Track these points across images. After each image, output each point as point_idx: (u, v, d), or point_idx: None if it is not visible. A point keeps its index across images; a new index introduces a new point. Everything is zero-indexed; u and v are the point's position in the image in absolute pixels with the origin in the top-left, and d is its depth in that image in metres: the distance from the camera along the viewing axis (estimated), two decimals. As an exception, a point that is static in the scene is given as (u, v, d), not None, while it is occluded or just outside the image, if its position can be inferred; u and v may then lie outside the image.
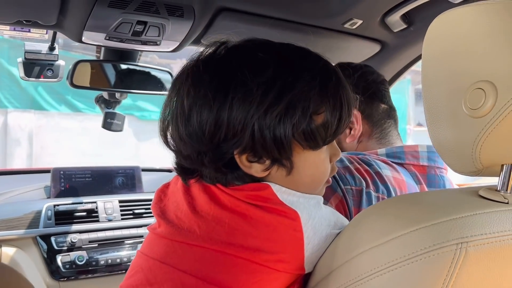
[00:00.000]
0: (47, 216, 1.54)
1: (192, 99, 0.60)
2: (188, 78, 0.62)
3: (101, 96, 1.59)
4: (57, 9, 1.02)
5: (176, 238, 0.62)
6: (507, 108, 0.49)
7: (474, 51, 0.52)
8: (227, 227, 0.60)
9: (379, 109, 0.97)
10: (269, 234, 0.59)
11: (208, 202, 0.62)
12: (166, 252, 0.62)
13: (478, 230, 0.50)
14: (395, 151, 0.90)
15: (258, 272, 0.59)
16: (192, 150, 0.62)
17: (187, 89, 0.61)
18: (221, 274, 0.59)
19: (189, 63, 0.64)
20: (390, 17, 1.11)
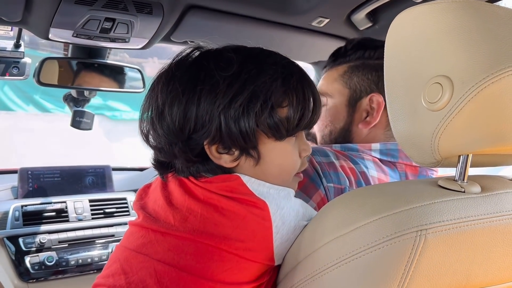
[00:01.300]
0: (15, 217, 1.51)
1: (164, 94, 0.65)
2: (162, 77, 0.67)
3: (69, 94, 1.56)
4: (22, 5, 1.00)
5: (151, 226, 0.65)
6: (462, 101, 0.52)
7: (432, 48, 0.55)
8: (199, 217, 0.62)
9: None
10: (239, 223, 0.61)
11: (182, 195, 0.64)
12: (142, 242, 0.64)
13: (436, 218, 0.53)
14: (389, 148, 0.86)
15: (227, 261, 0.61)
16: (165, 142, 0.65)
17: (161, 87, 0.66)
18: (192, 261, 0.61)
19: (164, 66, 0.69)
20: (356, 15, 1.13)
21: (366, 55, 0.91)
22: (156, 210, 0.66)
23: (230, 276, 0.61)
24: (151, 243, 0.64)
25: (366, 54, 0.91)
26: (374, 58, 0.91)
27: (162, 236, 0.63)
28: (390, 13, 1.14)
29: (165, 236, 0.63)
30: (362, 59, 0.92)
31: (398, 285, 0.53)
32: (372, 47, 0.92)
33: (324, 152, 0.81)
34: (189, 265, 0.61)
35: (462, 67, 0.52)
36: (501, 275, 0.59)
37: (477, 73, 0.51)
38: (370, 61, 0.91)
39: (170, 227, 0.63)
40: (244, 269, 0.62)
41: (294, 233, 0.64)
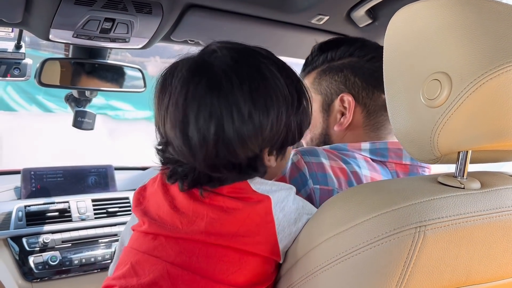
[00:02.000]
0: (18, 217, 1.52)
1: (216, 107, 0.60)
2: (201, 87, 0.62)
3: (71, 95, 1.57)
4: (22, 6, 1.01)
5: (161, 232, 0.65)
6: (461, 97, 0.52)
7: (431, 44, 0.55)
8: (206, 219, 0.63)
9: (378, 100, 0.88)
10: (244, 219, 0.63)
11: (187, 199, 0.65)
12: (154, 245, 0.65)
13: (435, 214, 0.53)
14: (378, 148, 0.85)
15: (238, 261, 0.63)
16: (204, 156, 0.62)
17: (209, 98, 0.61)
18: (204, 263, 0.62)
19: (214, 78, 0.62)
20: (356, 12, 1.13)
21: (329, 57, 0.91)
22: (161, 216, 0.66)
23: (241, 277, 0.63)
24: (162, 245, 0.65)
25: (329, 56, 0.91)
26: (336, 59, 0.91)
27: (173, 239, 0.65)
28: (390, 9, 1.14)
29: (177, 239, 0.64)
30: (326, 62, 0.92)
31: (397, 282, 0.53)
32: (333, 48, 0.91)
33: (314, 152, 0.80)
34: (201, 268, 0.63)
35: (461, 64, 0.52)
36: (501, 271, 0.59)
37: (475, 69, 0.51)
38: (334, 62, 0.91)
39: (178, 231, 0.64)
40: (254, 268, 0.64)
41: (296, 226, 0.65)
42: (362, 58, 0.89)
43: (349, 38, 0.95)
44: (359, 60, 0.89)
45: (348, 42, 0.92)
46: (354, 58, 0.89)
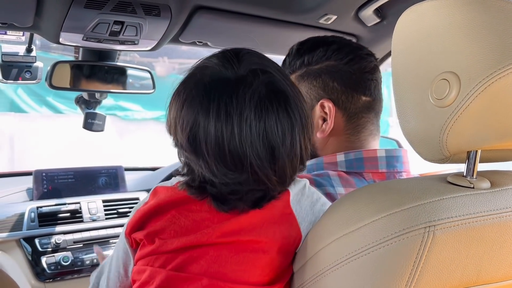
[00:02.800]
0: (30, 218, 1.54)
1: (273, 121, 0.62)
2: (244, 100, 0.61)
3: (81, 97, 1.59)
4: (33, 10, 1.02)
5: (186, 244, 0.64)
6: (470, 97, 0.52)
7: (439, 44, 0.55)
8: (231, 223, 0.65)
9: (358, 102, 0.87)
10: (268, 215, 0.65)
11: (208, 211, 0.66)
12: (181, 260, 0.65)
13: (444, 214, 0.53)
14: (353, 158, 0.85)
15: (264, 258, 0.65)
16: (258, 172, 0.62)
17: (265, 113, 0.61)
18: (235, 267, 0.64)
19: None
20: (364, 11, 1.13)
21: (305, 61, 0.89)
22: (199, 220, 0.66)
23: (270, 276, 0.65)
24: (191, 260, 0.64)
25: (305, 60, 0.89)
26: (314, 63, 0.88)
27: (201, 250, 0.64)
28: (398, 8, 1.14)
29: (204, 248, 0.64)
30: (304, 67, 0.90)
31: (407, 281, 0.53)
32: (310, 52, 0.89)
33: None
34: (234, 275, 0.64)
35: (469, 63, 0.52)
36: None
37: (484, 69, 0.51)
38: (311, 67, 0.88)
39: (207, 237, 0.64)
40: (280, 263, 0.66)
41: (314, 215, 0.69)
42: (340, 61, 0.87)
43: (325, 40, 0.91)
44: (336, 63, 0.87)
45: (324, 44, 0.89)
46: (331, 61, 0.87)
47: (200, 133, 0.60)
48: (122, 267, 0.74)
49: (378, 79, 0.90)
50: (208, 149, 0.60)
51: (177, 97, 0.65)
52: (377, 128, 0.92)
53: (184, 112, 0.62)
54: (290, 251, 0.67)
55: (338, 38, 0.91)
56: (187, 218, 0.66)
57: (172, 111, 0.65)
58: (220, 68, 0.63)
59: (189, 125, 0.61)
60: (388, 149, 0.86)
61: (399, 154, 0.86)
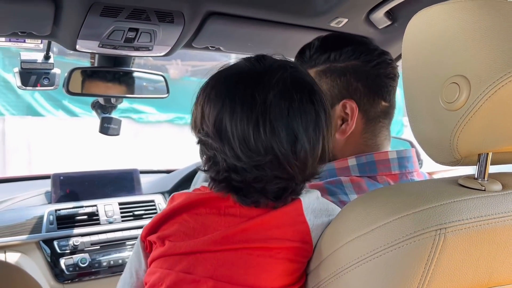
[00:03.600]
0: (49, 221, 1.57)
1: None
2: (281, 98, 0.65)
3: (97, 102, 1.62)
4: (51, 20, 1.05)
5: (196, 249, 0.66)
6: (480, 100, 0.52)
7: (449, 47, 0.55)
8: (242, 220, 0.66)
9: (378, 107, 0.86)
10: (278, 218, 0.66)
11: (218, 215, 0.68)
12: (189, 263, 0.66)
13: (456, 217, 0.53)
14: (366, 162, 0.84)
15: (274, 265, 0.65)
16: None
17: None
18: (243, 273, 0.64)
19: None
20: (375, 14, 1.13)
21: (331, 58, 0.87)
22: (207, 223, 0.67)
23: (279, 281, 0.65)
24: (198, 262, 0.65)
25: (331, 57, 0.87)
26: (340, 61, 0.86)
27: (209, 254, 0.65)
28: (409, 10, 1.13)
29: (214, 253, 0.65)
30: (328, 62, 0.87)
31: (418, 283, 0.54)
32: (336, 48, 0.87)
33: None
34: (241, 278, 0.64)
35: (479, 67, 0.52)
36: (524, 272, 0.59)
37: (494, 72, 0.51)
38: (337, 64, 0.86)
39: (214, 244, 0.65)
40: (290, 269, 0.66)
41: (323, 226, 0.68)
42: (367, 63, 0.85)
43: (354, 40, 0.90)
44: (363, 65, 0.85)
45: (353, 44, 0.87)
46: (359, 62, 0.85)
47: (226, 118, 0.63)
48: (134, 270, 0.77)
49: (395, 86, 0.90)
50: (233, 133, 0.62)
51: (204, 89, 0.68)
52: (390, 133, 0.92)
53: (212, 99, 0.65)
54: (301, 259, 0.67)
55: (367, 40, 0.93)
56: (197, 221, 0.67)
57: (199, 102, 0.68)
58: (246, 63, 0.68)
59: (216, 110, 0.64)
60: (398, 150, 0.86)
61: (409, 154, 0.86)
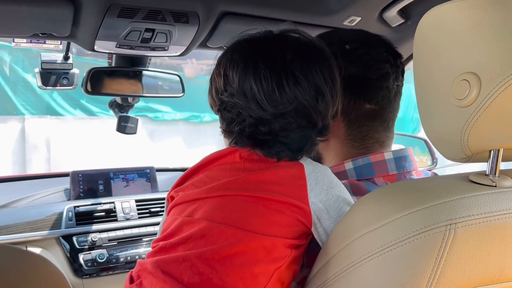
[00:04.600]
0: (68, 217, 1.61)
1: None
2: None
3: (114, 101, 1.64)
4: (70, 21, 1.08)
5: (199, 196, 0.72)
6: (490, 97, 0.52)
7: (459, 44, 0.55)
8: (244, 172, 0.71)
9: (360, 109, 0.83)
10: (279, 179, 0.69)
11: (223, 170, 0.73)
12: (193, 208, 0.71)
13: (466, 212, 0.54)
14: (362, 165, 0.82)
15: (268, 215, 0.68)
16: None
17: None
18: (237, 216, 0.68)
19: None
20: (388, 12, 1.13)
21: None
22: (202, 182, 0.73)
23: (271, 228, 0.67)
24: (200, 206, 0.71)
25: None
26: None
27: (209, 199, 0.70)
28: (422, 8, 1.13)
29: (212, 198, 0.70)
30: None
31: (428, 278, 0.54)
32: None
33: None
34: (233, 220, 0.68)
35: (490, 63, 0.52)
36: (535, 268, 0.59)
37: (504, 69, 0.51)
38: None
39: (216, 190, 0.70)
40: (283, 222, 0.68)
41: (327, 197, 0.70)
42: (348, 63, 0.82)
43: (342, 38, 0.86)
44: (344, 65, 0.81)
45: (338, 42, 0.84)
46: (340, 62, 0.80)
47: (250, 76, 0.68)
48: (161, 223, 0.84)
49: (390, 86, 0.84)
50: (259, 89, 0.67)
51: (225, 55, 0.74)
52: (386, 136, 0.87)
53: (235, 61, 0.71)
54: (295, 216, 0.69)
55: (356, 37, 0.87)
56: (207, 176, 0.73)
57: (221, 67, 0.73)
58: (259, 33, 0.74)
59: (239, 70, 0.69)
60: (394, 150, 0.84)
61: (406, 153, 0.85)
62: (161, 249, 0.71)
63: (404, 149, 0.86)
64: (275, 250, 0.67)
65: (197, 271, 0.66)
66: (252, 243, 0.67)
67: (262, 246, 0.67)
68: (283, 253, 0.68)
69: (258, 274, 0.67)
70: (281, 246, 0.68)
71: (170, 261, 0.68)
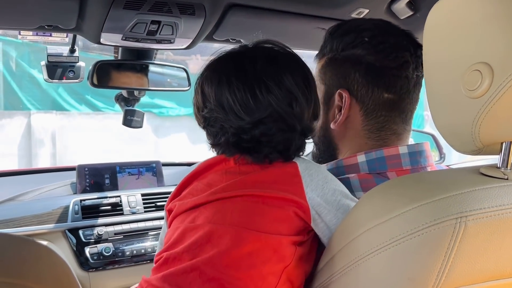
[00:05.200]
0: (75, 210, 1.61)
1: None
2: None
3: (120, 95, 1.64)
4: (76, 13, 1.07)
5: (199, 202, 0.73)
6: (503, 87, 0.51)
7: (471, 35, 0.55)
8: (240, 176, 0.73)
9: (378, 98, 0.82)
10: (275, 178, 0.72)
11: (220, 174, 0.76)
12: (194, 215, 0.73)
13: (477, 205, 0.53)
14: (375, 158, 0.80)
15: (268, 213, 0.69)
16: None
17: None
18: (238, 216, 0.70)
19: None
20: (396, 4, 1.12)
21: (334, 47, 0.85)
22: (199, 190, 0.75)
23: (274, 225, 0.68)
24: (201, 212, 0.72)
25: (335, 46, 0.85)
26: (340, 50, 0.85)
27: (209, 204, 0.72)
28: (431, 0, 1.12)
29: (212, 203, 0.72)
30: (332, 52, 0.86)
31: (438, 272, 0.54)
32: (338, 37, 0.85)
33: None
34: (235, 220, 0.69)
35: (503, 54, 0.52)
36: (547, 262, 0.59)
37: (517, 59, 0.50)
38: (338, 53, 0.85)
39: (214, 193, 0.72)
40: (284, 219, 0.69)
41: (324, 191, 0.71)
42: (366, 51, 0.82)
43: (359, 26, 0.86)
44: (363, 53, 0.82)
45: (356, 30, 0.84)
46: (358, 50, 0.82)
47: (225, 90, 0.72)
48: (162, 238, 0.87)
49: (409, 76, 0.83)
50: (234, 101, 0.71)
51: (201, 75, 0.78)
52: (403, 128, 0.86)
53: (209, 78, 0.75)
54: (295, 211, 0.70)
55: (375, 25, 0.86)
56: (203, 183, 0.76)
57: (199, 86, 0.77)
58: (229, 49, 0.79)
59: (214, 86, 0.73)
60: (410, 145, 0.83)
61: (421, 148, 0.83)
62: (166, 260, 0.71)
63: (420, 144, 0.84)
64: (281, 248, 0.68)
65: (206, 278, 0.67)
66: (258, 242, 0.67)
67: (268, 245, 0.68)
68: (289, 251, 0.69)
69: (267, 274, 0.67)
70: (286, 244, 0.68)
71: (178, 273, 0.68)
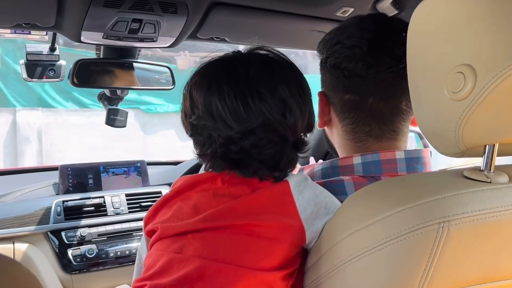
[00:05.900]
0: (57, 212, 1.58)
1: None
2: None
3: (103, 94, 1.61)
4: (55, 10, 1.05)
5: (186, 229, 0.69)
6: (486, 90, 0.51)
7: (454, 37, 0.54)
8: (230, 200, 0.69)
9: (342, 99, 0.82)
10: (265, 198, 0.68)
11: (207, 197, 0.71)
12: (182, 244, 0.69)
13: (460, 209, 0.52)
14: (371, 161, 0.80)
15: (262, 247, 0.66)
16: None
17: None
18: (231, 252, 0.66)
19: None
20: (381, 3, 1.11)
21: (321, 51, 0.86)
22: (186, 214, 0.71)
23: (267, 262, 0.66)
24: (189, 242, 0.68)
25: (321, 50, 0.86)
26: (321, 53, 0.86)
27: (199, 234, 0.68)
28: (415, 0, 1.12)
29: (202, 233, 0.68)
30: (319, 55, 0.87)
31: (421, 277, 0.53)
32: (324, 41, 0.85)
33: None
34: (228, 257, 0.66)
35: (485, 56, 0.51)
36: (531, 266, 0.58)
37: (500, 61, 0.50)
38: (321, 56, 0.86)
39: (203, 222, 0.67)
40: (279, 253, 0.66)
41: (317, 207, 0.69)
42: (327, 53, 0.82)
43: (332, 30, 0.85)
44: (326, 56, 0.83)
45: (328, 34, 0.85)
46: (324, 53, 0.84)
47: (215, 96, 0.68)
48: (141, 257, 0.83)
49: (365, 76, 0.80)
50: (224, 109, 0.67)
51: (190, 80, 0.74)
52: (381, 129, 0.82)
53: (198, 83, 0.71)
54: (291, 239, 0.67)
55: (343, 26, 0.85)
56: (188, 206, 0.71)
57: (187, 91, 0.74)
58: (221, 55, 0.75)
59: (203, 91, 0.69)
60: (407, 150, 0.81)
61: (419, 155, 0.81)
62: None
63: (418, 150, 0.82)
64: (275, 283, 0.66)
65: None
66: (253, 280, 0.65)
67: (263, 282, 0.65)
68: (283, 284, 0.67)
69: None
70: (280, 278, 0.67)
71: None
